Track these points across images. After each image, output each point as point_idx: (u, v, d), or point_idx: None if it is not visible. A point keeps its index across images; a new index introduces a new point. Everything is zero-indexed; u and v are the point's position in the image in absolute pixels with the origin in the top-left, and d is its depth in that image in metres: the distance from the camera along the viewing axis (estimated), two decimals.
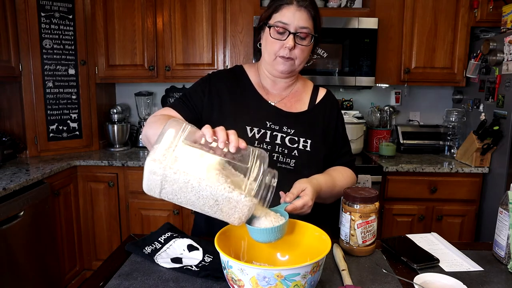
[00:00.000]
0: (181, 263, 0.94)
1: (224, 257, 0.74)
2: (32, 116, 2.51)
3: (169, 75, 2.73)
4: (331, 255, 0.99)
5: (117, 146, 2.85)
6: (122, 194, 2.51)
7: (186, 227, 2.51)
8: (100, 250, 2.58)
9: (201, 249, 1.00)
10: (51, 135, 2.61)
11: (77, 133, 2.73)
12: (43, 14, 2.47)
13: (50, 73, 2.55)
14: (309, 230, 0.90)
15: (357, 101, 3.01)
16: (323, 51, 2.51)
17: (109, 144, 2.88)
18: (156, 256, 0.98)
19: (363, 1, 2.83)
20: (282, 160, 1.12)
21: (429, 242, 1.11)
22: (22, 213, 1.93)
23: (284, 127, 1.16)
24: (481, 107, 2.49)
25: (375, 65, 2.54)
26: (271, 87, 1.22)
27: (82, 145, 2.75)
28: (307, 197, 0.96)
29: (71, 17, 2.59)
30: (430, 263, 0.96)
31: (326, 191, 1.09)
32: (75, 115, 2.70)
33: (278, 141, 1.14)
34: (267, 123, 1.15)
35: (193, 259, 0.96)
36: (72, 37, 2.61)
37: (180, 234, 1.09)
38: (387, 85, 2.90)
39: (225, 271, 0.77)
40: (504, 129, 2.22)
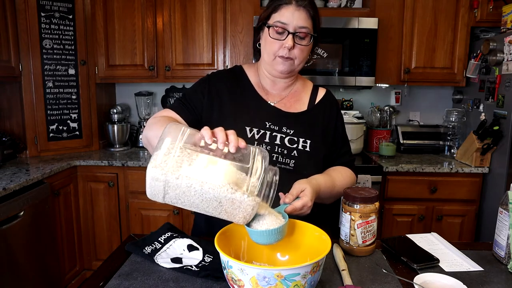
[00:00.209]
0: (181, 263, 0.94)
1: (224, 257, 0.74)
2: (32, 116, 2.51)
3: (169, 75, 2.73)
4: (331, 255, 0.99)
5: (117, 146, 2.85)
6: (122, 194, 2.51)
7: (186, 227, 2.51)
8: (100, 250, 2.58)
9: (201, 249, 1.00)
10: (51, 135, 2.61)
11: (77, 133, 2.73)
12: (43, 14, 2.47)
13: (50, 73, 2.55)
14: (309, 230, 0.90)
15: (357, 101, 3.01)
16: (323, 51, 2.51)
17: (109, 144, 2.88)
18: (156, 256, 0.98)
19: (363, 1, 2.83)
20: (281, 160, 1.12)
21: (429, 242, 1.11)
22: (22, 213, 1.93)
23: (283, 128, 1.16)
24: (481, 107, 2.49)
25: (375, 65, 2.54)
26: (271, 87, 1.22)
27: (82, 145, 2.75)
28: (306, 198, 0.95)
29: (71, 17, 2.59)
30: (430, 263, 0.96)
31: (325, 191, 1.09)
32: (75, 115, 2.70)
33: (277, 142, 1.14)
34: (267, 123, 1.15)
35: (193, 259, 0.96)
36: (72, 37, 2.61)
37: (180, 234, 1.09)
38: (387, 85, 2.91)
39: (225, 271, 0.77)
40: (504, 129, 2.22)
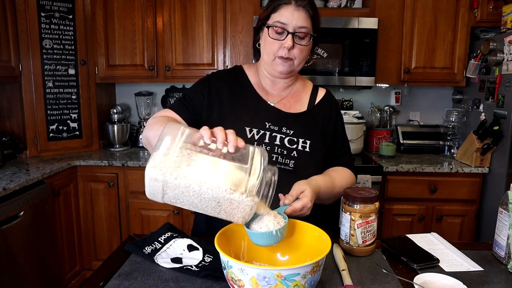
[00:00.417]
0: (181, 263, 0.94)
1: (224, 257, 0.74)
2: (32, 116, 2.51)
3: (169, 75, 2.73)
4: (331, 255, 0.99)
5: (117, 146, 2.85)
6: (122, 194, 2.51)
7: (186, 227, 2.51)
8: (100, 250, 2.58)
9: (201, 249, 1.00)
10: (51, 135, 2.61)
11: (77, 133, 2.73)
12: (43, 14, 2.47)
13: (50, 73, 2.55)
14: (309, 230, 0.90)
15: (357, 101, 3.01)
16: (323, 51, 2.51)
17: (109, 144, 2.88)
18: (156, 256, 0.98)
19: (363, 1, 2.83)
20: (281, 161, 1.12)
21: (429, 242, 1.11)
22: (22, 213, 1.93)
23: (283, 128, 1.16)
24: (481, 107, 2.49)
25: (375, 65, 2.54)
26: (271, 88, 1.22)
27: (82, 145, 2.75)
28: (306, 199, 0.95)
29: (71, 17, 2.59)
30: (430, 263, 0.96)
31: (325, 192, 1.09)
32: (75, 115, 2.70)
33: (277, 142, 1.14)
34: (267, 124, 1.15)
35: (193, 259, 0.96)
36: (72, 37, 2.61)
37: (180, 234, 1.09)
38: (387, 85, 2.90)
39: (225, 271, 0.77)
40: (504, 129, 2.22)
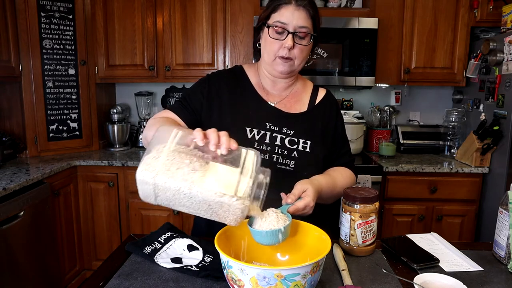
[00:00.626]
0: (181, 263, 0.94)
1: (224, 257, 0.74)
2: (32, 116, 2.51)
3: (169, 75, 2.73)
4: (331, 255, 0.99)
5: (117, 146, 2.85)
6: (122, 194, 2.51)
7: (186, 227, 2.51)
8: (100, 250, 2.58)
9: (201, 249, 1.00)
10: (51, 135, 2.61)
11: (77, 133, 2.73)
12: (43, 14, 2.47)
13: (50, 73, 2.55)
14: (309, 230, 0.90)
15: (357, 101, 3.01)
16: (323, 51, 2.51)
17: (109, 144, 2.88)
18: (156, 256, 0.98)
19: (363, 1, 2.83)
20: (281, 161, 1.12)
21: (429, 242, 1.11)
22: (22, 213, 1.93)
23: (283, 128, 1.16)
24: (481, 107, 2.49)
25: (375, 65, 2.54)
26: (271, 88, 1.22)
27: (82, 145, 2.75)
28: (308, 198, 0.95)
29: (71, 17, 2.59)
30: (430, 263, 0.96)
31: (326, 192, 1.09)
32: (75, 115, 2.70)
33: (277, 142, 1.14)
34: (267, 124, 1.15)
35: (193, 259, 0.96)
36: (72, 37, 2.61)
37: (180, 234, 1.09)
38: (387, 85, 2.90)
39: (225, 271, 0.77)
40: (504, 129, 2.22)
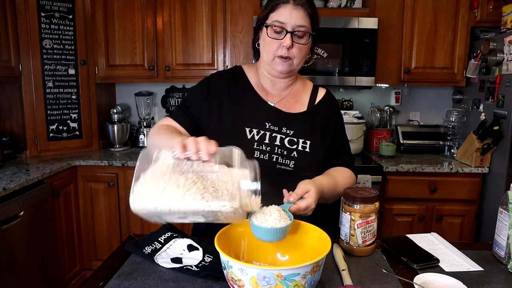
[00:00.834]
0: (181, 263, 0.94)
1: (224, 257, 0.74)
2: (32, 116, 2.51)
3: (169, 75, 2.73)
4: (331, 255, 0.99)
5: (117, 146, 2.85)
6: (122, 194, 2.51)
7: (186, 227, 2.50)
8: (100, 250, 2.58)
9: (201, 249, 1.00)
10: (51, 135, 2.61)
11: (77, 133, 2.73)
12: (43, 14, 2.47)
13: (50, 73, 2.55)
14: (309, 230, 0.90)
15: (357, 101, 3.01)
16: (323, 51, 2.51)
17: (109, 144, 2.88)
18: (156, 256, 0.98)
19: (363, 1, 2.83)
20: (281, 161, 1.12)
21: (429, 242, 1.11)
22: (22, 213, 1.93)
23: (283, 128, 1.15)
24: (481, 107, 2.49)
25: (375, 65, 2.54)
26: (271, 88, 1.22)
27: (82, 145, 2.75)
28: (310, 199, 0.95)
29: (71, 17, 2.59)
30: (430, 263, 0.96)
31: (328, 192, 1.09)
32: (75, 115, 2.70)
33: (277, 143, 1.14)
34: (266, 124, 1.15)
35: (193, 259, 0.96)
36: (72, 37, 2.61)
37: (180, 234, 1.09)
38: (387, 85, 2.90)
39: (225, 271, 0.77)
40: (504, 129, 2.22)
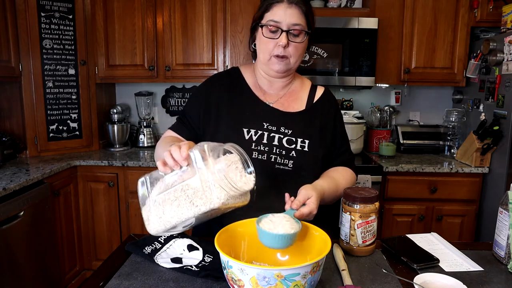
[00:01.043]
0: (181, 263, 0.94)
1: (224, 257, 0.74)
2: (32, 116, 2.51)
3: (169, 75, 2.73)
4: (331, 255, 0.99)
5: (117, 146, 2.85)
6: (122, 194, 2.51)
7: None
8: (100, 250, 2.58)
9: (201, 249, 1.00)
10: (51, 135, 2.61)
11: (77, 133, 2.73)
12: (43, 14, 2.47)
13: (50, 73, 2.55)
14: (309, 230, 0.90)
15: (357, 101, 3.01)
16: (323, 51, 2.51)
17: (109, 144, 2.88)
18: (156, 256, 0.98)
19: (363, 1, 2.83)
20: (280, 161, 1.12)
21: (429, 242, 1.11)
22: (22, 213, 1.93)
23: (281, 128, 1.15)
24: (481, 107, 2.49)
25: (375, 65, 2.54)
26: (268, 88, 1.22)
27: (82, 145, 2.75)
28: (312, 205, 0.95)
29: (71, 17, 2.59)
30: (430, 263, 0.96)
31: (329, 195, 1.09)
32: (75, 115, 2.70)
33: (275, 143, 1.13)
34: (264, 124, 1.15)
35: (193, 259, 0.96)
36: (72, 37, 2.61)
37: (180, 234, 1.09)
38: (387, 85, 2.90)
39: (225, 271, 0.77)
40: (504, 129, 2.22)
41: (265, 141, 1.13)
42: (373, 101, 2.99)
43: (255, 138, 1.13)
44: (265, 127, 1.15)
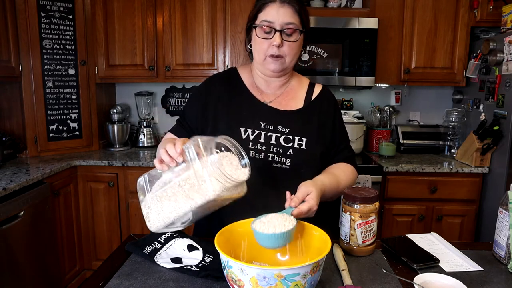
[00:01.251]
0: (181, 263, 0.94)
1: (224, 257, 0.74)
2: (32, 116, 2.51)
3: (169, 75, 2.73)
4: (331, 255, 0.99)
5: (117, 146, 2.85)
6: (122, 194, 2.51)
7: (186, 227, 2.50)
8: (100, 250, 2.58)
9: (201, 249, 1.00)
10: (51, 135, 2.61)
11: (77, 133, 2.73)
12: (43, 14, 2.47)
13: (50, 73, 2.55)
14: (309, 230, 0.90)
15: (357, 101, 3.01)
16: (323, 51, 2.51)
17: (109, 144, 2.88)
18: (156, 256, 0.98)
19: (363, 1, 2.83)
20: (277, 160, 1.12)
21: (429, 242, 1.11)
22: (22, 213, 1.93)
23: (278, 127, 1.15)
24: (481, 107, 2.49)
25: (375, 65, 2.54)
26: (265, 87, 1.22)
27: (82, 145, 2.75)
28: (312, 201, 0.94)
29: (71, 17, 2.59)
30: (430, 263, 0.96)
31: (330, 191, 1.08)
32: (75, 115, 2.70)
33: (272, 141, 1.13)
34: (261, 123, 1.15)
35: (193, 259, 0.96)
36: (72, 37, 2.61)
37: (180, 234, 1.09)
38: (387, 85, 2.90)
39: (225, 271, 0.77)
40: (504, 129, 2.22)
41: (262, 140, 1.13)
42: (373, 101, 3.00)
43: (252, 137, 1.13)
44: (262, 126, 1.15)
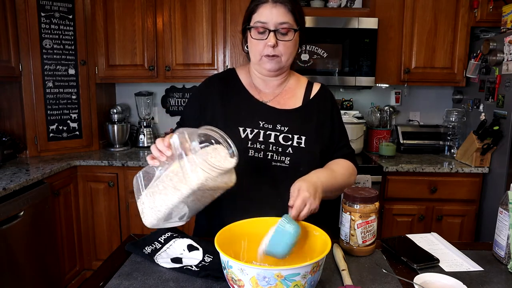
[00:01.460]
0: (181, 263, 0.95)
1: (224, 257, 0.74)
2: (32, 116, 2.51)
3: (169, 75, 2.73)
4: (331, 255, 0.99)
5: (117, 146, 2.85)
6: (122, 194, 2.51)
7: (186, 227, 2.50)
8: (100, 250, 2.58)
9: (201, 249, 1.00)
10: (51, 135, 2.61)
11: (77, 133, 2.73)
12: (43, 14, 2.47)
13: (50, 73, 2.55)
14: (309, 230, 0.90)
15: (357, 101, 3.01)
16: (323, 51, 2.51)
17: (109, 144, 2.88)
18: (156, 256, 0.98)
19: (363, 1, 2.83)
20: (276, 158, 1.12)
21: (429, 242, 1.11)
22: (22, 213, 1.93)
23: (277, 125, 1.15)
24: (481, 107, 2.49)
25: (375, 65, 2.54)
26: (263, 87, 1.22)
27: (82, 145, 2.75)
28: (303, 193, 0.93)
29: (71, 17, 2.59)
30: (430, 263, 0.96)
31: (327, 183, 1.05)
32: (75, 115, 2.70)
33: (271, 140, 1.13)
34: (260, 122, 1.15)
35: (193, 259, 0.96)
36: (72, 37, 2.61)
37: (180, 234, 1.09)
38: (387, 85, 2.91)
39: (225, 271, 0.77)
40: (504, 129, 2.22)
41: (261, 139, 1.13)
42: (373, 101, 3.00)
43: (251, 136, 1.13)
44: (261, 125, 1.15)
